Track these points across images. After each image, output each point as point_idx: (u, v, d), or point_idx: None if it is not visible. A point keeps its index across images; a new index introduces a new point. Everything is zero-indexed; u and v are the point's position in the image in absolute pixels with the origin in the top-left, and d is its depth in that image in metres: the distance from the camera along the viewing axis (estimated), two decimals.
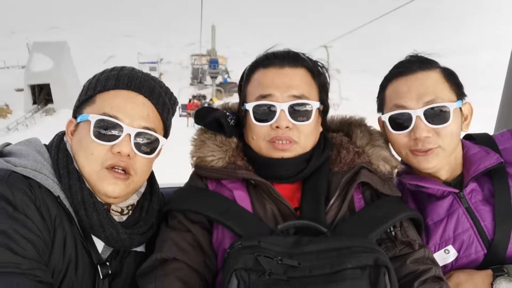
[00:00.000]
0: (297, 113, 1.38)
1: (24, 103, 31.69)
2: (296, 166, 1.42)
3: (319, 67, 1.48)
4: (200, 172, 1.50)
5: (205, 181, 1.50)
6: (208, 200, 1.43)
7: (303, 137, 1.39)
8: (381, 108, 1.57)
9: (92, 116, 1.22)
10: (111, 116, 1.22)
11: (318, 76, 1.45)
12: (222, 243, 1.40)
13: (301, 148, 1.40)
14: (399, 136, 1.48)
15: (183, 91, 33.20)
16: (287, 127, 1.36)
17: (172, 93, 1.42)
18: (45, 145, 1.31)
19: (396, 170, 1.51)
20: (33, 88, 31.99)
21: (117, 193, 1.25)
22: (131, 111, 1.24)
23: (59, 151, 1.26)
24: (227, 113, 1.49)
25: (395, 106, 1.46)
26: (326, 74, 1.49)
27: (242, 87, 1.51)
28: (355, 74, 49.40)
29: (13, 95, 33.46)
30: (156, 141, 1.30)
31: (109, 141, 1.22)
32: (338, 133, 1.57)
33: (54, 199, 1.19)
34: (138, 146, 1.25)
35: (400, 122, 1.46)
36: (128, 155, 1.24)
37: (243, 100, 1.48)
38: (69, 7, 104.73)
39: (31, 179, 1.17)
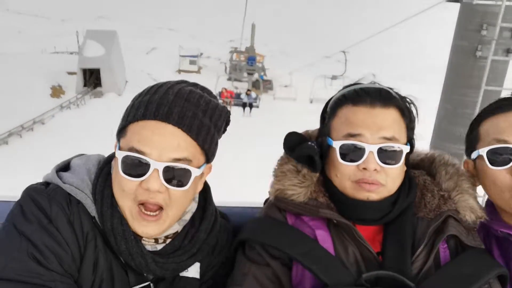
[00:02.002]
0: (386, 155, 1.32)
1: (76, 85, 34.26)
2: (381, 209, 1.36)
3: (407, 104, 1.41)
4: (280, 204, 1.45)
5: (284, 213, 1.45)
6: (289, 236, 1.37)
7: (390, 180, 1.34)
8: (471, 147, 1.45)
9: (119, 153, 1.20)
10: (137, 151, 1.17)
11: (408, 114, 1.39)
12: (301, 283, 1.35)
13: (387, 191, 1.34)
14: (505, 174, 1.34)
15: (220, 85, 35.13)
16: (375, 169, 1.31)
17: (216, 106, 1.29)
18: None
19: (479, 220, 1.41)
20: (84, 72, 34.55)
21: (149, 234, 1.24)
22: (159, 144, 1.17)
23: (100, 174, 1.28)
24: (315, 146, 1.43)
25: (495, 140, 1.35)
26: (415, 110, 1.42)
27: (326, 119, 1.45)
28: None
29: (64, 78, 35.96)
30: (188, 172, 1.22)
31: (138, 177, 1.18)
32: (419, 171, 1.50)
33: (91, 217, 1.23)
34: (168, 180, 1.19)
35: (504, 158, 1.33)
36: (159, 191, 1.19)
37: (326, 133, 1.43)
38: None
39: (73, 196, 1.23)
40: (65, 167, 1.32)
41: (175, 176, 1.20)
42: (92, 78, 35.01)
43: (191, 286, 1.36)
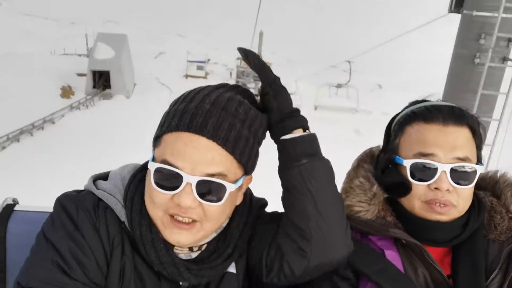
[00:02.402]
0: (459, 176, 1.28)
1: (85, 86, 34.90)
2: (452, 231, 1.32)
3: (478, 123, 1.35)
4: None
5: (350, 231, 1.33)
6: (363, 253, 1.30)
7: (461, 201, 1.29)
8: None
9: (152, 164, 1.14)
10: (170, 164, 1.10)
11: (478, 134, 1.34)
12: None
13: (458, 212, 1.30)
14: None
15: None
16: (447, 190, 1.26)
17: (257, 115, 1.19)
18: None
19: None
20: (94, 73, 35.20)
21: (181, 243, 1.16)
22: (192, 157, 1.09)
23: (132, 181, 1.24)
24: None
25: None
26: (483, 131, 1.37)
27: (392, 136, 1.40)
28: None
29: (73, 79, 36.62)
30: (223, 188, 1.12)
31: (170, 190, 1.11)
32: (484, 192, 1.45)
33: (119, 223, 1.20)
34: (202, 195, 1.11)
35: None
36: (191, 206, 1.11)
37: (392, 150, 1.38)
38: (124, 3, 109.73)
39: (103, 202, 1.21)
40: (105, 176, 1.31)
41: (209, 191, 1.12)
42: (101, 80, 35.64)
43: (230, 283, 1.28)
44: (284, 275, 1.22)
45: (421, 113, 1.35)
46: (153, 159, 1.16)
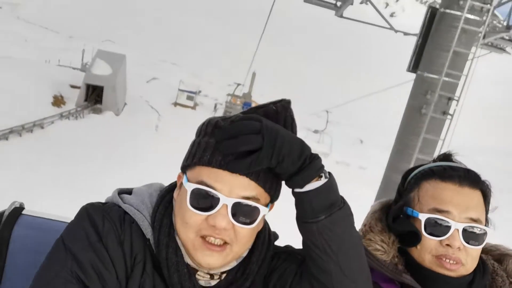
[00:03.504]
0: (471, 236, 1.31)
1: (77, 98, 35.89)
2: (458, 286, 1.35)
3: (488, 189, 1.39)
4: None
5: None
6: None
7: (470, 260, 1.32)
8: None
9: (188, 184, 1.13)
10: (207, 186, 1.11)
11: (488, 199, 1.39)
12: None
13: (466, 270, 1.33)
14: None
15: None
16: (458, 247, 1.30)
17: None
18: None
19: None
20: (87, 87, 36.29)
21: (212, 265, 1.15)
22: (229, 181, 1.11)
23: (161, 202, 1.24)
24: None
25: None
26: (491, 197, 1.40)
27: (407, 189, 1.44)
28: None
29: (66, 90, 37.57)
30: (257, 210, 1.14)
31: (206, 211, 1.12)
32: (487, 256, 1.48)
33: (143, 240, 1.18)
34: (236, 217, 1.12)
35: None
36: (225, 228, 1.11)
37: (406, 203, 1.41)
38: (125, 25, 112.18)
39: (129, 216, 1.19)
40: (128, 192, 1.30)
41: (243, 213, 1.13)
42: (93, 95, 36.68)
43: None
44: None
45: (439, 171, 1.39)
46: (188, 180, 1.15)
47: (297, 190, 1.14)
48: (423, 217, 1.35)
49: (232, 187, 1.12)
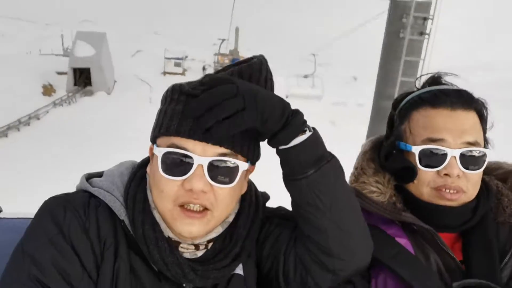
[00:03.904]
0: (469, 161, 1.24)
1: (66, 84, 35.77)
2: (462, 216, 1.28)
3: (483, 106, 1.31)
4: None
5: None
6: (374, 238, 1.19)
7: (471, 186, 1.26)
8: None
9: (158, 150, 1.05)
10: (179, 147, 1.03)
11: (485, 117, 1.31)
12: None
13: (467, 197, 1.27)
14: None
15: None
16: (457, 175, 1.23)
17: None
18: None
19: None
20: (74, 71, 36.10)
21: (194, 234, 1.08)
22: (202, 145, 1.03)
23: (133, 178, 1.17)
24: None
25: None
26: (487, 115, 1.32)
27: (397, 122, 1.36)
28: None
29: (54, 77, 37.38)
30: (235, 167, 1.06)
31: (180, 175, 1.04)
32: (489, 177, 1.41)
33: (113, 222, 1.11)
34: (213, 177, 1.04)
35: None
36: (203, 190, 1.03)
37: (397, 137, 1.33)
38: (99, 3, 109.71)
39: (98, 199, 1.13)
40: (99, 175, 1.24)
41: (221, 173, 1.05)
42: (82, 77, 36.55)
43: (237, 286, 1.18)
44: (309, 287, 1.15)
45: (428, 98, 1.30)
46: (158, 146, 1.08)
47: (282, 147, 1.09)
48: (416, 149, 1.28)
49: (205, 146, 1.04)
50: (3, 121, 25.68)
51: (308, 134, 1.09)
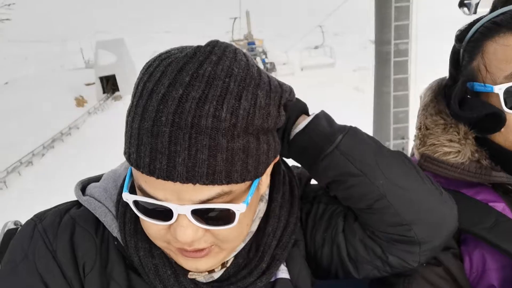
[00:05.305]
0: None
1: (96, 93, 37.72)
2: None
3: None
4: (431, 167, 1.05)
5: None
6: (464, 208, 0.97)
7: None
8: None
9: (125, 195, 0.80)
10: (149, 196, 0.76)
11: None
12: (483, 278, 0.98)
13: None
14: None
15: None
16: None
17: (255, 104, 0.75)
18: None
19: None
20: (101, 80, 37.96)
21: (202, 270, 0.88)
22: (173, 187, 0.74)
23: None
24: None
25: None
26: None
27: (465, 59, 1.05)
28: None
29: (83, 89, 39.37)
30: (229, 212, 0.78)
31: (162, 220, 0.79)
32: None
33: (100, 238, 0.93)
34: (204, 220, 0.78)
35: None
36: (194, 239, 0.79)
37: (469, 78, 1.03)
38: (109, 13, 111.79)
39: (70, 214, 0.95)
40: (97, 179, 1.03)
41: (211, 218, 0.78)
42: (109, 84, 38.38)
43: None
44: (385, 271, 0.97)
45: (506, 21, 0.98)
46: (130, 175, 0.83)
47: (295, 131, 0.93)
48: (500, 89, 0.98)
49: (179, 193, 0.75)
50: (47, 136, 27.71)
51: (315, 113, 0.95)
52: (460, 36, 1.10)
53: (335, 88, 33.91)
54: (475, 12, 1.26)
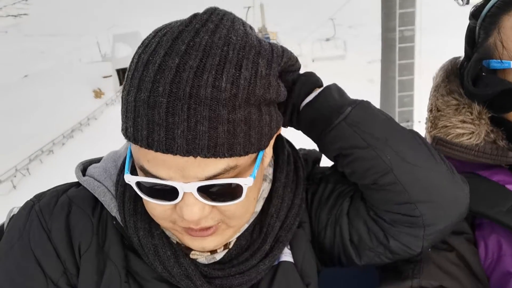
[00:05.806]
0: None
1: (113, 85, 38.65)
2: None
3: None
4: (440, 149, 0.98)
5: None
6: (478, 190, 0.93)
7: None
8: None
9: (127, 176, 0.78)
10: (152, 175, 0.75)
11: None
12: (499, 264, 0.93)
13: None
14: None
15: None
16: None
17: (256, 74, 0.73)
18: None
19: None
20: (118, 72, 38.85)
21: (209, 248, 0.86)
22: (176, 163, 0.72)
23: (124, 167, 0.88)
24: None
25: None
26: None
27: (481, 35, 0.98)
28: None
29: (100, 82, 40.35)
30: (236, 187, 0.76)
31: (167, 200, 0.77)
32: None
33: (97, 218, 0.92)
34: (211, 196, 0.76)
35: None
36: (201, 217, 0.77)
37: (485, 54, 0.96)
38: (123, 6, 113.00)
39: (67, 195, 0.94)
40: (97, 160, 1.02)
41: (217, 194, 0.77)
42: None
43: (288, 275, 0.93)
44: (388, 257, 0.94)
45: None
46: (130, 156, 0.81)
47: (306, 101, 0.91)
48: None
49: (184, 171, 0.73)
50: (66, 126, 28.68)
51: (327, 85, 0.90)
52: (476, 12, 1.03)
53: (347, 80, 34.40)
54: (467, 3, 1.35)
